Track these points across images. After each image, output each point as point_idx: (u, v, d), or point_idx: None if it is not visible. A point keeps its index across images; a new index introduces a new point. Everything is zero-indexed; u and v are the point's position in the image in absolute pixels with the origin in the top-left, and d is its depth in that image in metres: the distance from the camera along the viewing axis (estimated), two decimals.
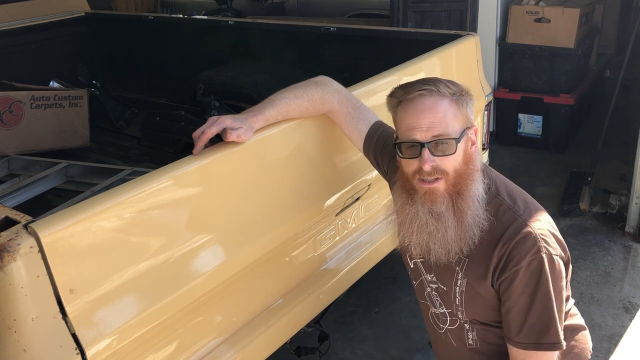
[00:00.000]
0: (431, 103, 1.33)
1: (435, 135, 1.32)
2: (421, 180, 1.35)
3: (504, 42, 4.28)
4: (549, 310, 1.33)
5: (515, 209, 1.38)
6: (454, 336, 1.55)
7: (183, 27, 3.96)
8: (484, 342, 1.50)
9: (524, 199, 1.43)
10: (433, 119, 1.32)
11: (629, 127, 3.50)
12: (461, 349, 1.54)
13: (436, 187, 1.34)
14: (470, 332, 1.50)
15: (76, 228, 1.20)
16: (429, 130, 1.32)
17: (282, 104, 1.59)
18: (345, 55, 3.16)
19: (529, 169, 4.12)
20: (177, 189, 1.39)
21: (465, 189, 1.34)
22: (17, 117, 2.79)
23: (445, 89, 1.34)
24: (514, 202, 1.40)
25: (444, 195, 1.34)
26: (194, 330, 1.52)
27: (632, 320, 2.64)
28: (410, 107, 1.35)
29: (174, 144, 2.83)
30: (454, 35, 2.59)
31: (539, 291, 1.33)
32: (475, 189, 1.36)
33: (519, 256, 1.33)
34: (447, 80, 1.38)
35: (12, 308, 1.13)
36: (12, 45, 3.76)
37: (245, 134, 1.48)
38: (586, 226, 3.41)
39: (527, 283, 1.33)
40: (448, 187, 1.34)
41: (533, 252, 1.32)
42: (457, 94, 1.35)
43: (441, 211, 1.35)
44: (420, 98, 1.34)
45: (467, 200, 1.34)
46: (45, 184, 2.28)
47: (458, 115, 1.35)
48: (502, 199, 1.41)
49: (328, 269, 1.96)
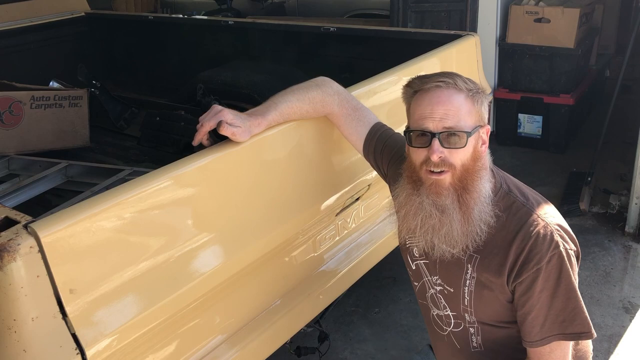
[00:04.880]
0: (447, 95, 1.33)
1: (447, 127, 1.32)
2: (428, 171, 1.34)
3: (504, 42, 4.28)
4: (573, 301, 1.32)
5: (529, 206, 1.38)
6: (458, 339, 1.54)
7: (183, 27, 3.96)
8: (489, 345, 1.49)
9: (534, 196, 1.43)
10: (447, 110, 1.32)
11: (629, 127, 3.50)
12: (465, 351, 1.53)
13: (442, 179, 1.33)
14: (475, 335, 1.49)
15: (76, 228, 1.20)
16: (442, 121, 1.32)
17: (284, 107, 1.58)
18: (345, 55, 3.16)
19: (529, 169, 4.12)
20: (177, 189, 1.39)
21: (472, 185, 1.34)
22: (17, 117, 2.79)
23: (463, 83, 1.35)
24: (527, 199, 1.40)
25: (449, 188, 1.34)
26: (194, 330, 1.52)
27: (632, 320, 2.64)
28: (425, 98, 1.36)
29: (174, 144, 2.83)
30: (454, 35, 2.59)
31: (561, 285, 1.32)
32: (482, 186, 1.35)
33: (540, 254, 1.31)
34: (466, 77, 1.38)
35: (12, 308, 1.13)
36: (12, 45, 3.76)
37: (242, 135, 1.48)
38: (586, 226, 3.41)
39: (547, 278, 1.32)
40: (454, 181, 1.34)
41: (552, 247, 1.32)
42: (474, 91, 1.36)
43: (446, 204, 1.34)
44: (436, 89, 1.34)
45: (473, 196, 1.33)
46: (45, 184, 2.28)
47: (472, 111, 1.35)
48: (515, 195, 1.40)
49: (328, 269, 1.96)
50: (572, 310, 1.33)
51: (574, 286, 1.33)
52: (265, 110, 1.56)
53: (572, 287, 1.33)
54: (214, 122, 1.45)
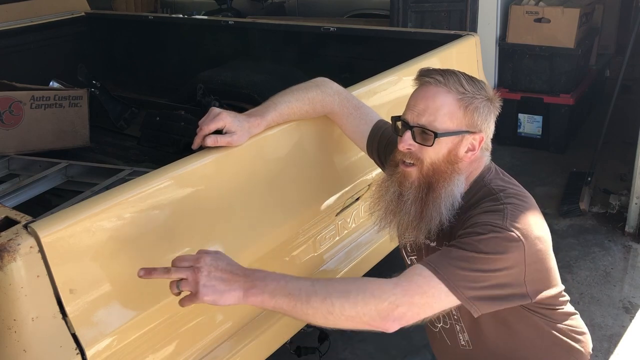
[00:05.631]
0: (433, 93, 1.34)
1: (420, 123, 1.33)
2: (401, 160, 1.39)
3: (504, 42, 4.28)
4: (468, 267, 1.22)
5: (502, 209, 1.30)
6: (448, 336, 1.55)
7: (183, 27, 3.96)
8: (477, 343, 1.48)
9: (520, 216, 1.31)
10: (426, 107, 1.33)
11: (629, 127, 3.50)
12: (455, 348, 1.54)
13: (409, 172, 1.38)
14: (461, 333, 1.49)
15: (76, 228, 1.20)
16: (419, 116, 1.34)
17: (283, 107, 1.59)
18: (345, 55, 3.16)
19: (528, 169, 4.12)
20: (177, 189, 1.39)
21: (437, 185, 1.35)
22: (17, 117, 2.79)
23: (456, 85, 1.33)
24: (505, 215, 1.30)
25: (415, 182, 1.37)
26: (194, 330, 1.52)
27: (632, 320, 2.64)
28: (416, 90, 1.39)
29: (174, 144, 2.83)
30: (454, 35, 2.59)
31: (477, 253, 1.22)
32: (450, 190, 1.35)
33: (480, 224, 1.26)
34: (468, 80, 1.36)
35: (12, 308, 1.13)
36: (12, 45, 3.76)
37: (238, 140, 1.48)
38: (586, 226, 3.42)
39: (471, 241, 1.24)
40: (420, 176, 1.37)
41: (493, 227, 1.24)
42: (469, 96, 1.34)
43: (407, 196, 1.38)
44: (426, 85, 1.36)
45: (435, 195, 1.34)
46: (45, 184, 2.28)
47: (456, 115, 1.33)
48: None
49: (328, 269, 1.96)
50: (461, 267, 1.22)
51: (482, 266, 1.22)
52: (264, 111, 1.56)
53: (480, 262, 1.22)
54: (214, 125, 1.45)
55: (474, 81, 1.37)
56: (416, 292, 1.21)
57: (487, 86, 1.41)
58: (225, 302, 1.15)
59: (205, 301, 1.14)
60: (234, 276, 1.17)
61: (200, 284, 1.14)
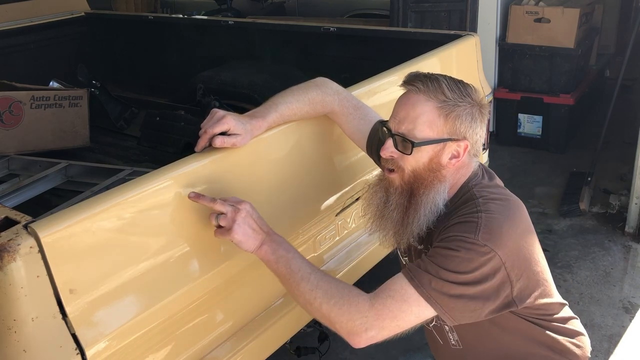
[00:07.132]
0: (413, 101, 1.34)
1: (400, 132, 1.34)
2: (384, 166, 1.42)
3: (504, 42, 4.29)
4: (438, 273, 1.24)
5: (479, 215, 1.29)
6: (439, 335, 1.55)
7: (183, 27, 3.96)
8: (466, 343, 1.48)
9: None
10: (407, 115, 1.34)
11: (629, 127, 3.51)
12: (447, 347, 1.54)
13: (392, 179, 1.40)
14: (450, 332, 1.49)
15: (76, 228, 1.20)
16: (400, 123, 1.35)
17: (284, 108, 1.59)
18: (345, 55, 3.16)
19: (528, 169, 4.12)
20: (177, 189, 1.39)
21: (418, 192, 1.36)
22: (17, 117, 2.79)
23: (436, 93, 1.31)
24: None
25: (397, 188, 1.39)
26: (194, 330, 1.52)
27: (632, 320, 2.64)
28: (400, 97, 1.40)
29: (174, 144, 2.83)
30: (454, 35, 2.59)
31: (448, 260, 1.24)
32: (431, 197, 1.35)
33: (456, 233, 1.26)
34: (452, 86, 1.33)
35: (12, 308, 1.13)
36: (12, 45, 3.76)
37: (242, 141, 1.49)
38: (586, 226, 3.42)
39: (444, 248, 1.26)
40: (402, 183, 1.38)
41: (469, 232, 1.24)
42: (450, 104, 1.31)
43: (391, 202, 1.40)
44: (409, 92, 1.37)
45: (417, 200, 1.36)
46: (45, 184, 2.28)
47: (436, 123, 1.32)
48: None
49: (328, 269, 1.96)
50: (432, 272, 1.24)
51: (449, 274, 1.23)
52: (265, 112, 1.56)
53: (455, 277, 1.23)
54: (219, 128, 1.45)
55: (459, 87, 1.34)
56: (387, 316, 1.29)
57: (475, 91, 1.38)
58: (246, 246, 1.33)
59: (234, 239, 1.32)
60: (260, 228, 1.35)
61: (236, 223, 1.31)
